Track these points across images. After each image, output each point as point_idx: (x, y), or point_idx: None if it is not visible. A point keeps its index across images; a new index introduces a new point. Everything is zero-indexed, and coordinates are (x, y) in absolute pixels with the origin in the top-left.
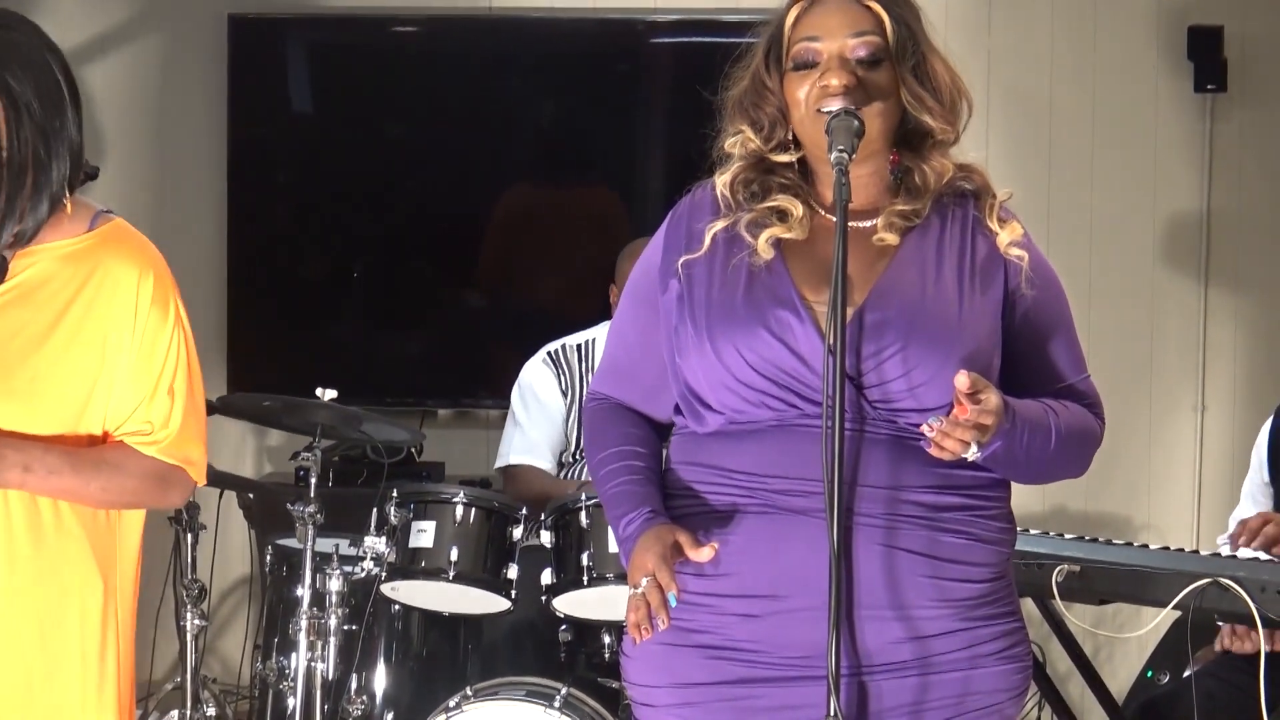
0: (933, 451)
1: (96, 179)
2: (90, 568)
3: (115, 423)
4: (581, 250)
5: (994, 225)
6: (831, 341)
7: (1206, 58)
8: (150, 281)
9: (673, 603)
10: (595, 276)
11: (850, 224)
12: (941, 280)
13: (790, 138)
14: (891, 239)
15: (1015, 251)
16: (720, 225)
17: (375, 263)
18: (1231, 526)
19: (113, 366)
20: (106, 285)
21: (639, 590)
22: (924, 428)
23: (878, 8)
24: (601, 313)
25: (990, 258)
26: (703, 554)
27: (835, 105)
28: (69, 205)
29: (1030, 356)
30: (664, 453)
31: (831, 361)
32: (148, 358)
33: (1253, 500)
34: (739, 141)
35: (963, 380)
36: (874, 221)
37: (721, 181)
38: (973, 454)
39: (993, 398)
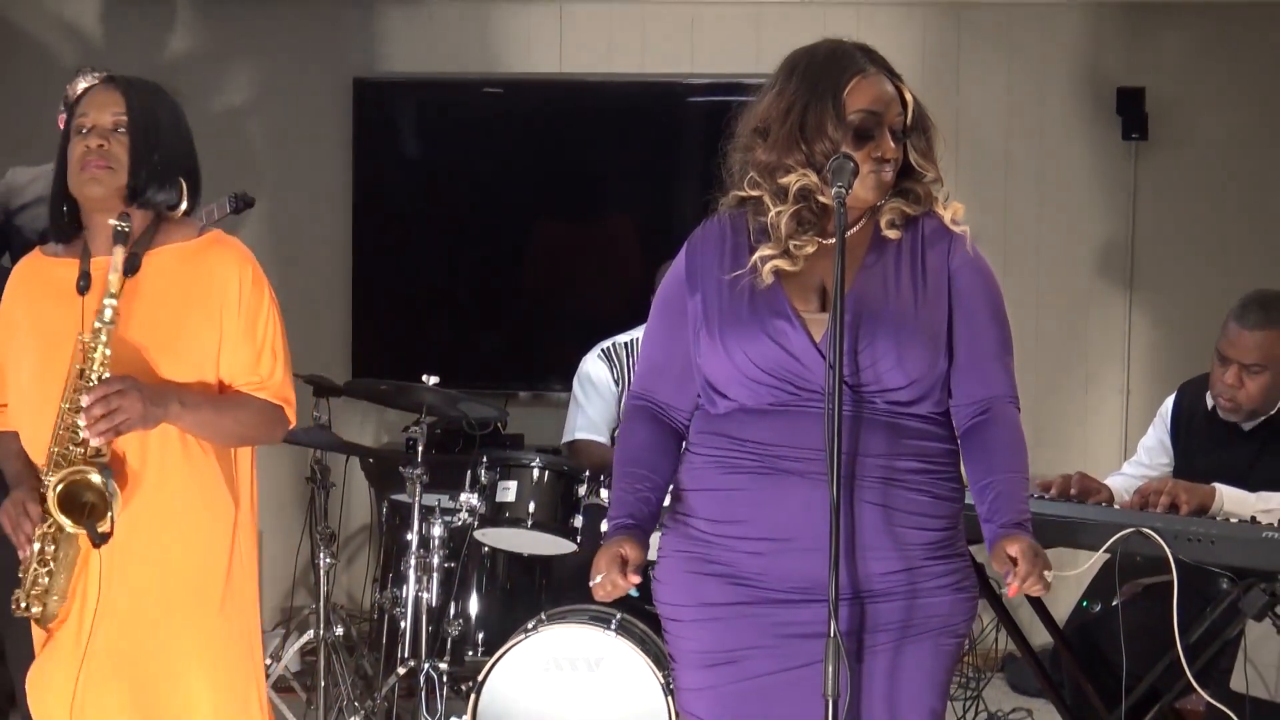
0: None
1: (253, 206)
2: (225, 494)
3: (231, 376)
4: (628, 269)
5: (939, 209)
6: (836, 333)
7: (1131, 113)
8: (249, 271)
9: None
10: (638, 289)
11: (829, 240)
12: (900, 283)
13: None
14: (893, 234)
15: (959, 228)
16: (767, 253)
17: (469, 277)
18: (1125, 468)
19: (228, 333)
20: (218, 274)
21: (596, 581)
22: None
23: (904, 88)
24: (644, 317)
25: (937, 262)
26: (631, 580)
27: (889, 172)
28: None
29: (965, 325)
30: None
31: (833, 344)
32: (252, 326)
33: (1145, 450)
34: (797, 179)
35: (1015, 585)
36: (852, 230)
37: (781, 219)
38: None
39: (1027, 551)
